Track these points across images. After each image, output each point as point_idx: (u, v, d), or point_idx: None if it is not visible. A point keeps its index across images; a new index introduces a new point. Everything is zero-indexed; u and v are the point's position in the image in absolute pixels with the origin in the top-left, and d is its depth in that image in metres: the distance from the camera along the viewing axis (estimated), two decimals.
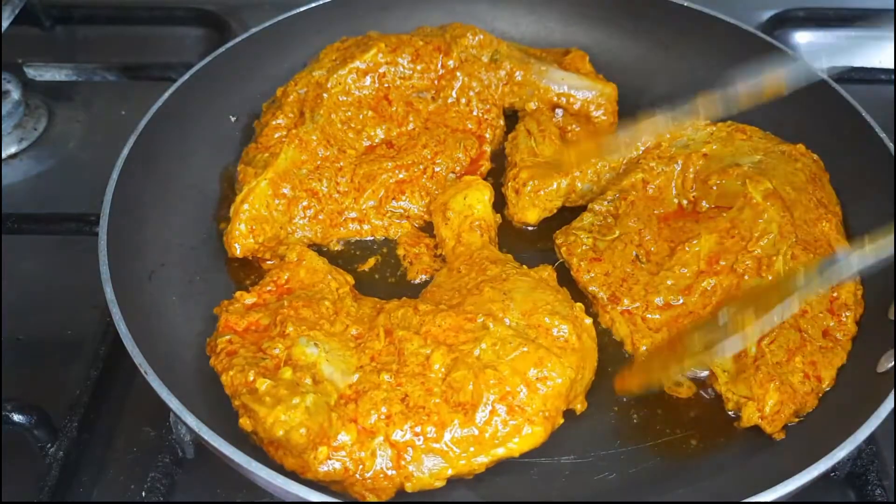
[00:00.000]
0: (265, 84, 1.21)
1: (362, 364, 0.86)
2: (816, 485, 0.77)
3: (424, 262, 1.06)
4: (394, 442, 0.80)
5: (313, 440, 0.79)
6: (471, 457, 0.82)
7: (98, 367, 0.98)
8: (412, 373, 0.84)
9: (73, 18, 1.53)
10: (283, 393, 0.81)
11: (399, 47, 1.16)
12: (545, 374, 0.83)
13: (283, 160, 1.07)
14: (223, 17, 1.48)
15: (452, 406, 0.82)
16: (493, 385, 0.82)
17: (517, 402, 0.82)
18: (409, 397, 0.82)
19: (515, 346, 0.84)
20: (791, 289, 0.86)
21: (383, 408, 0.81)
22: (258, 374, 0.84)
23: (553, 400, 0.84)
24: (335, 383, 0.84)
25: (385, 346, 0.87)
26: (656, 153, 1.09)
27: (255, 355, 0.87)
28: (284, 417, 0.80)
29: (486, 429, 0.82)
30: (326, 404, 0.82)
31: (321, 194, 1.08)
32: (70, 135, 1.35)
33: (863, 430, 0.78)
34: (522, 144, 1.13)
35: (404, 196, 1.10)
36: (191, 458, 0.92)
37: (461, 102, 1.17)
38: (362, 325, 0.91)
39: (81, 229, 1.12)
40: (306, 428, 0.79)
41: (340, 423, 0.80)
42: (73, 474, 0.92)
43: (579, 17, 1.32)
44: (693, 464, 0.87)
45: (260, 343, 0.88)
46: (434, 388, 0.83)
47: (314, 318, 0.90)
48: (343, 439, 0.79)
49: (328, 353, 0.86)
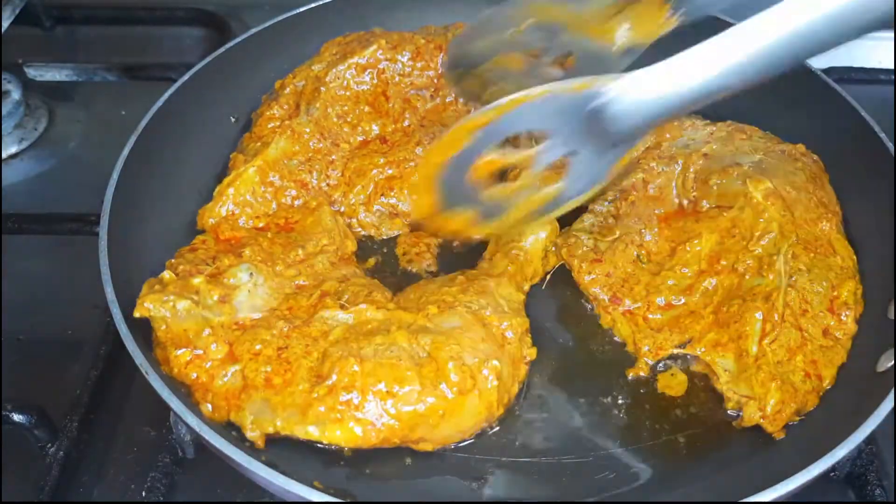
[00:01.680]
0: (265, 84, 1.20)
1: (277, 307, 0.90)
2: (816, 485, 0.77)
3: (425, 262, 1.06)
4: (245, 374, 0.84)
5: (173, 340, 0.85)
6: (292, 423, 0.82)
7: (98, 367, 0.98)
8: (307, 334, 0.86)
9: (73, 18, 1.53)
10: (170, 289, 0.86)
11: (400, 44, 1.16)
12: (396, 392, 0.81)
13: (274, 149, 1.07)
14: (223, 17, 1.48)
15: (310, 372, 0.83)
16: (347, 373, 0.82)
17: (357, 398, 0.81)
18: (286, 350, 0.85)
19: (392, 356, 0.83)
20: None
21: (258, 345, 0.85)
22: (183, 269, 0.90)
23: (390, 417, 0.81)
24: (237, 310, 0.88)
25: (308, 306, 0.90)
26: (656, 153, 1.09)
27: (206, 258, 0.92)
28: (148, 305, 0.84)
29: (317, 405, 0.81)
30: (203, 317, 0.85)
31: (310, 186, 1.08)
32: (70, 135, 1.35)
33: (862, 430, 0.78)
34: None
35: (393, 192, 1.09)
36: (191, 458, 0.92)
37: (458, 102, 1.17)
38: (314, 281, 0.93)
39: (81, 229, 1.12)
40: (167, 325, 0.85)
41: (215, 339, 0.85)
42: (73, 474, 0.92)
43: None
44: (692, 464, 0.87)
45: (220, 253, 0.94)
46: (313, 353, 0.85)
47: (277, 254, 0.95)
48: (212, 350, 0.84)
49: (255, 286, 0.90)
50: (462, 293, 0.92)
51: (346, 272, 0.97)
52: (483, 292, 0.92)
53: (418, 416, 0.82)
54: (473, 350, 0.85)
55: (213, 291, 0.88)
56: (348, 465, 0.84)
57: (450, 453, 0.87)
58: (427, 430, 0.83)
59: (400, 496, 0.85)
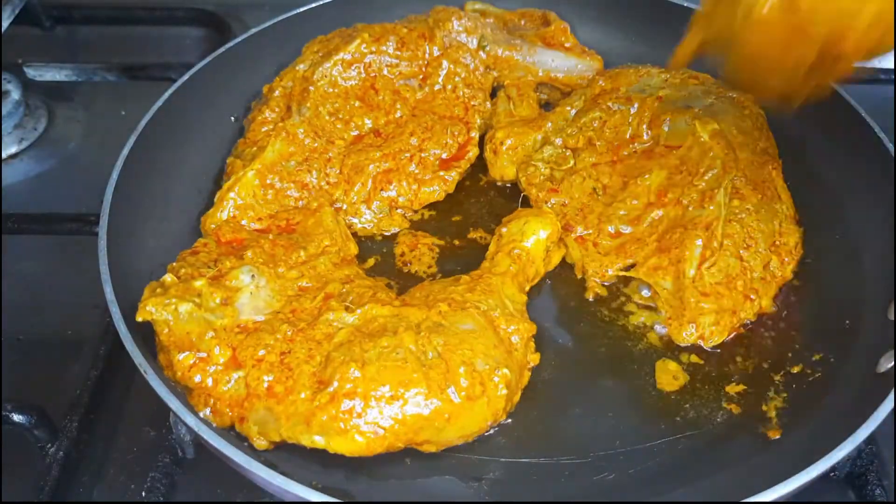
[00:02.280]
0: (265, 84, 1.21)
1: (280, 310, 0.89)
2: (816, 485, 0.77)
3: (425, 262, 1.06)
4: (248, 383, 0.83)
5: (176, 343, 0.84)
6: (297, 433, 0.81)
7: (98, 367, 0.98)
8: (311, 337, 0.85)
9: (73, 18, 1.53)
10: (172, 292, 0.85)
11: (383, 36, 1.16)
12: (401, 394, 0.80)
13: (271, 152, 1.07)
14: (223, 17, 1.49)
15: (312, 379, 0.82)
16: (348, 379, 0.80)
17: (360, 405, 0.80)
18: (289, 355, 0.84)
19: (398, 358, 0.82)
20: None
21: (261, 351, 0.84)
22: (184, 272, 0.89)
23: (394, 422, 0.81)
24: (240, 313, 0.87)
25: (313, 308, 0.89)
26: (613, 96, 1.14)
27: (208, 261, 0.92)
28: (150, 308, 0.84)
29: (320, 414, 0.80)
30: (205, 320, 0.85)
31: (311, 186, 1.08)
32: (70, 135, 1.35)
33: (863, 430, 0.78)
34: (501, 109, 1.19)
35: (392, 186, 1.10)
36: (191, 458, 0.92)
37: (447, 89, 1.17)
38: (318, 283, 0.93)
39: (81, 229, 1.12)
40: (169, 329, 0.84)
41: (218, 341, 0.84)
42: (73, 474, 0.92)
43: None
44: (692, 464, 0.87)
45: (222, 255, 0.93)
46: (317, 356, 0.84)
47: (279, 256, 0.94)
48: (216, 354, 0.84)
49: (257, 288, 0.89)
50: (469, 292, 0.92)
51: (349, 272, 0.97)
52: (490, 291, 0.92)
53: (423, 420, 0.81)
54: (486, 356, 0.85)
55: (216, 294, 0.87)
56: (348, 466, 0.84)
57: (450, 454, 0.87)
58: (432, 433, 0.83)
59: (399, 496, 0.85)
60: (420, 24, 1.19)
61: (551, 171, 1.09)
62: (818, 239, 1.04)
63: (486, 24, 1.22)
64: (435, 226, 1.11)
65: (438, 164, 1.13)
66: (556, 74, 1.23)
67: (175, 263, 0.93)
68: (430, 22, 1.19)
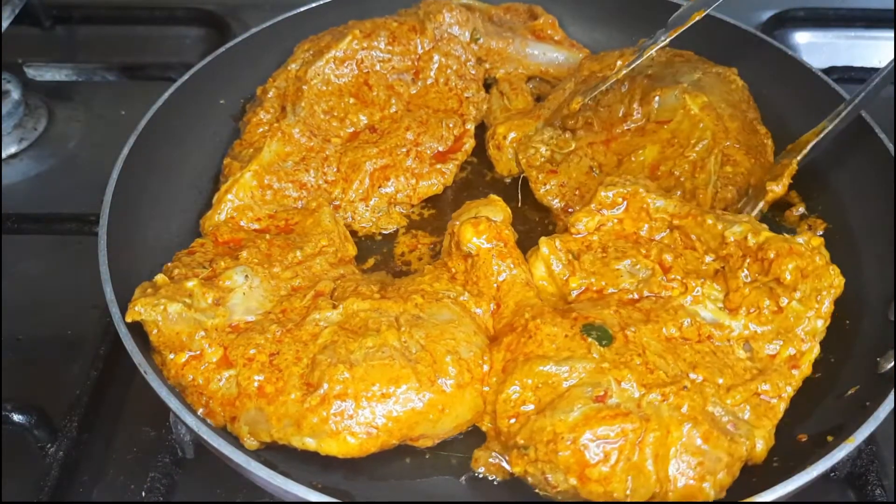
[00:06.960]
0: (265, 84, 1.20)
1: (271, 310, 0.89)
2: (816, 485, 0.77)
3: (425, 262, 1.06)
4: (239, 382, 0.83)
5: (166, 343, 0.85)
6: (288, 434, 0.81)
7: (98, 367, 0.98)
8: (298, 338, 0.86)
9: (73, 18, 1.53)
10: (162, 292, 0.86)
11: (374, 31, 1.16)
12: (392, 392, 0.81)
13: (267, 153, 1.07)
14: (223, 17, 1.49)
15: (301, 380, 0.82)
16: (338, 381, 0.81)
17: (351, 406, 0.80)
18: (278, 356, 0.84)
19: (384, 356, 0.82)
20: None
21: (252, 350, 0.85)
22: (178, 273, 0.90)
23: (388, 420, 0.81)
24: (232, 313, 0.88)
25: (301, 307, 0.89)
26: (601, 74, 1.16)
27: (203, 261, 0.92)
28: (139, 309, 0.84)
29: (311, 415, 0.80)
30: (195, 320, 0.85)
31: (309, 185, 1.08)
32: (70, 135, 1.35)
33: (863, 430, 0.78)
34: (495, 105, 1.21)
35: (389, 182, 1.10)
36: (191, 458, 0.92)
37: (440, 82, 1.18)
38: (310, 282, 0.93)
39: (81, 229, 1.12)
40: (158, 329, 0.84)
41: (209, 341, 0.85)
42: (73, 474, 0.92)
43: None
44: None
45: (217, 256, 0.94)
46: (303, 359, 0.84)
47: (275, 256, 0.95)
48: (207, 353, 0.85)
49: (250, 288, 0.90)
50: (436, 281, 0.93)
51: (343, 271, 0.97)
52: (453, 279, 0.94)
53: (418, 414, 0.82)
54: (468, 344, 0.86)
55: (208, 294, 0.87)
56: (347, 465, 0.84)
57: (449, 453, 0.87)
58: (428, 427, 0.83)
59: (399, 496, 0.85)
60: (410, 17, 1.19)
61: (551, 154, 1.11)
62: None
63: (476, 17, 1.22)
64: (435, 225, 1.11)
65: (435, 158, 1.13)
66: (546, 67, 1.25)
67: (170, 264, 0.93)
68: (420, 15, 1.19)
